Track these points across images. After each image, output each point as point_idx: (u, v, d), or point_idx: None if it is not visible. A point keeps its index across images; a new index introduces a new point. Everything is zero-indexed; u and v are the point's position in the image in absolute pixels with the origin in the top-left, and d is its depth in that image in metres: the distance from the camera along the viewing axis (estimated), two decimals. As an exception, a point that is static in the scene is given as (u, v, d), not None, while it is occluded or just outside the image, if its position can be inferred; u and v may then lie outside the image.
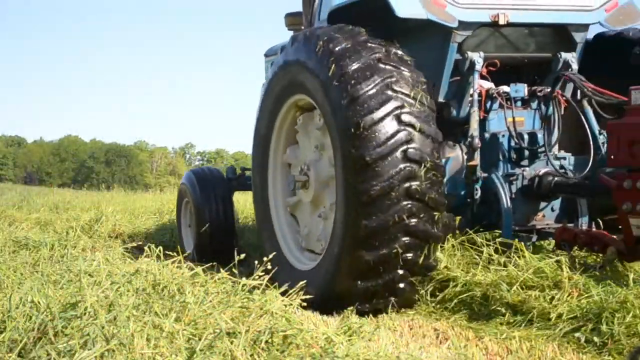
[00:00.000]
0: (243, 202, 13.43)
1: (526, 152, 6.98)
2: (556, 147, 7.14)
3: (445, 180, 6.51)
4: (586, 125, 6.89)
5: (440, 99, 6.98)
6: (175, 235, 10.39)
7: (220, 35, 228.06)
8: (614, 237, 6.21)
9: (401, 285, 6.14)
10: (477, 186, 6.88)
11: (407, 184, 5.96)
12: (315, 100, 6.60)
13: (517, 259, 6.15)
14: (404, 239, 6.01)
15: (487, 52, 6.97)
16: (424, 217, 6.02)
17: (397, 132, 6.00)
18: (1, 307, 4.22)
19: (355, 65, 6.15)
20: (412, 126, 6.04)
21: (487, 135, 7.07)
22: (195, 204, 9.18)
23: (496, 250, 6.36)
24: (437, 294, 6.22)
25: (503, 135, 7.02)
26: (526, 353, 4.92)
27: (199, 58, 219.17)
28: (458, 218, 7.06)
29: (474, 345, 5.09)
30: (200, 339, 3.79)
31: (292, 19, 8.97)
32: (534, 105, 7.17)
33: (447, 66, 6.90)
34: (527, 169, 6.99)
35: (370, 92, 6.05)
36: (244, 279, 4.66)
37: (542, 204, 7.05)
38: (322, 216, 6.96)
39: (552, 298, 5.61)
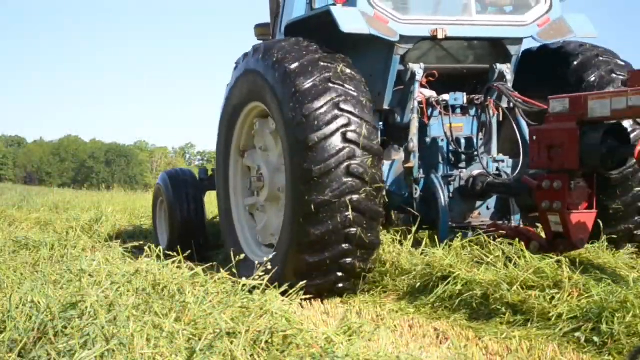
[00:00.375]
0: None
1: (463, 156, 7.57)
2: (495, 150, 7.77)
3: (390, 182, 7.35)
4: (517, 131, 7.44)
5: (385, 107, 7.65)
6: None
7: (220, 35, 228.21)
8: (537, 232, 6.78)
9: (347, 259, 6.50)
10: (418, 186, 7.45)
11: (347, 163, 6.42)
12: (265, 102, 7.13)
13: (517, 259, 6.18)
14: (347, 213, 6.39)
15: (428, 63, 7.57)
16: (364, 193, 6.44)
17: (336, 117, 6.52)
18: (1, 307, 4.22)
19: (296, 64, 6.73)
20: (350, 112, 6.55)
21: (428, 139, 7.68)
22: (168, 203, 9.61)
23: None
24: (437, 290, 6.26)
25: (442, 140, 7.61)
26: (526, 353, 4.92)
27: (199, 58, 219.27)
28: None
29: (474, 345, 5.09)
30: (200, 339, 3.79)
31: (261, 30, 9.41)
32: (472, 112, 7.75)
33: (390, 76, 7.52)
34: (464, 170, 7.58)
35: (309, 85, 6.60)
36: (244, 279, 4.67)
37: (478, 203, 7.64)
38: (281, 190, 7.32)
39: (552, 298, 5.62)
